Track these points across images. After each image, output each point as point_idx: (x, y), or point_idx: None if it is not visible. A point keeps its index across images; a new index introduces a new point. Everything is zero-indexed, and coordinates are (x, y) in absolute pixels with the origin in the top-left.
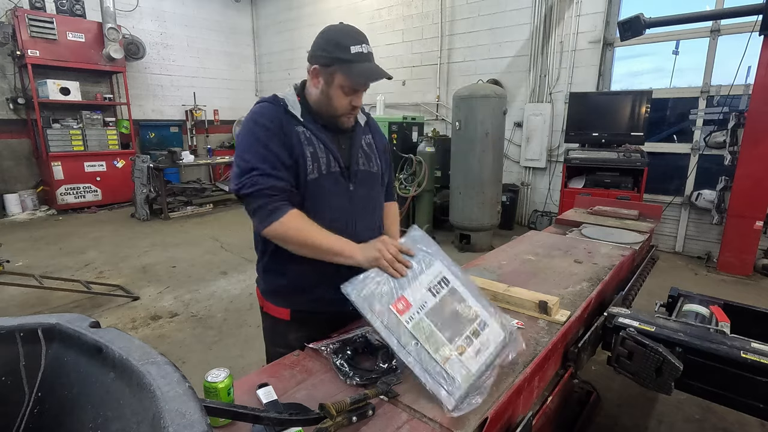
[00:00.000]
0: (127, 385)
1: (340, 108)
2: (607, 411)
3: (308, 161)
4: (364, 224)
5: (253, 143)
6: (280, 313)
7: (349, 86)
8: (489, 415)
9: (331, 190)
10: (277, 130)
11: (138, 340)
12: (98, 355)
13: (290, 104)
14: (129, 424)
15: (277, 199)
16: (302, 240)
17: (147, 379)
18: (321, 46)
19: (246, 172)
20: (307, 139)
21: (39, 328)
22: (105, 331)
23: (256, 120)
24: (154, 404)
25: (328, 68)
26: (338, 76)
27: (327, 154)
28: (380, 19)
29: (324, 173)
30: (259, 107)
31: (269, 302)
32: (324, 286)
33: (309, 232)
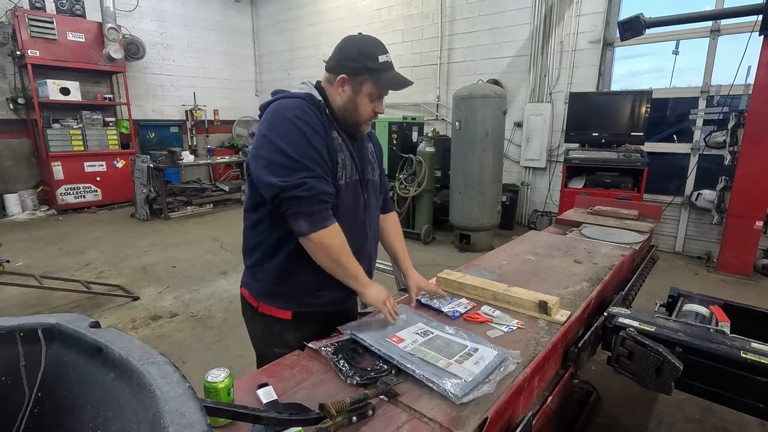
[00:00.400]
0: (127, 385)
1: (364, 115)
2: (607, 411)
3: (339, 168)
4: (371, 233)
5: (302, 141)
6: (281, 313)
7: (377, 94)
8: (489, 415)
9: (352, 199)
10: (322, 131)
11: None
12: (98, 355)
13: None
14: (129, 424)
15: (329, 207)
16: (337, 255)
17: (147, 379)
18: (350, 56)
19: (296, 171)
20: (339, 145)
21: (39, 328)
22: (105, 331)
23: (301, 117)
24: (154, 404)
25: (358, 77)
26: (367, 85)
27: (352, 162)
28: (380, 19)
29: (349, 181)
30: (298, 104)
31: (268, 304)
32: (334, 288)
33: (344, 249)
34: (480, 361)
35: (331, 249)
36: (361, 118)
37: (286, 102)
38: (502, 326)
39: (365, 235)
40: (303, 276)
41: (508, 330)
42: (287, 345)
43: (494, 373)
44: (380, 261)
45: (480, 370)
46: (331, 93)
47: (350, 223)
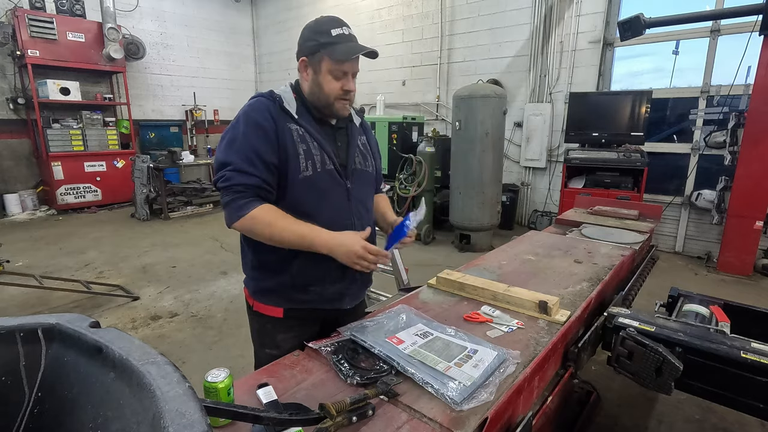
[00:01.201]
0: (127, 385)
1: (332, 93)
2: (607, 411)
3: (301, 159)
4: (361, 222)
5: (236, 137)
6: (273, 311)
7: (338, 69)
8: (489, 415)
9: (327, 188)
10: (267, 125)
11: (138, 340)
12: (98, 355)
13: (286, 101)
14: (129, 424)
15: (246, 196)
16: (267, 234)
17: (147, 379)
18: (306, 37)
19: (222, 166)
20: (300, 136)
21: (39, 328)
22: (105, 331)
23: (248, 114)
24: (154, 404)
25: (314, 56)
26: (325, 61)
27: (321, 151)
28: (380, 19)
29: (319, 170)
30: (254, 101)
31: (260, 302)
32: (326, 283)
33: (273, 226)
34: (479, 364)
35: (255, 232)
36: (329, 98)
37: (246, 104)
38: (502, 326)
39: (352, 225)
40: (291, 271)
41: (508, 330)
42: (278, 346)
43: (494, 375)
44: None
45: (479, 374)
46: (301, 83)
47: (331, 212)
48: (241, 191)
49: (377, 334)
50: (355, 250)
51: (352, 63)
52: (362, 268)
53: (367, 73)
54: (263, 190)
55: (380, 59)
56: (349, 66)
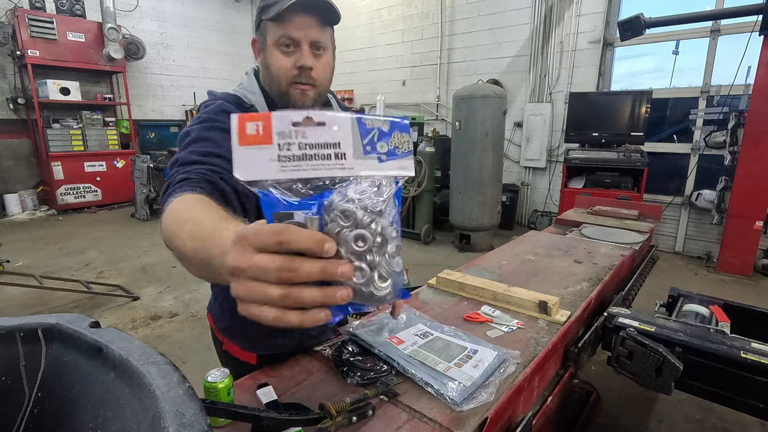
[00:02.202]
0: (127, 385)
1: (281, 73)
2: (607, 411)
3: None
4: None
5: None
6: (245, 356)
7: (283, 35)
8: (489, 415)
9: None
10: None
11: (138, 340)
12: (98, 355)
13: (248, 96)
14: (129, 424)
15: (180, 187)
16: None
17: (147, 379)
18: (254, 18)
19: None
20: None
21: (39, 328)
22: (105, 331)
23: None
24: (154, 404)
25: (259, 30)
26: (268, 31)
27: None
28: (380, 19)
29: None
30: (218, 104)
31: (229, 340)
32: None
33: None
34: (479, 364)
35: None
36: (281, 81)
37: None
38: (502, 326)
39: None
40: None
41: (508, 330)
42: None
43: (494, 375)
44: None
45: (479, 374)
46: (260, 72)
47: None
48: (180, 180)
49: (377, 334)
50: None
51: (300, 23)
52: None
53: (367, 73)
54: (220, 176)
55: (380, 59)
56: (295, 28)
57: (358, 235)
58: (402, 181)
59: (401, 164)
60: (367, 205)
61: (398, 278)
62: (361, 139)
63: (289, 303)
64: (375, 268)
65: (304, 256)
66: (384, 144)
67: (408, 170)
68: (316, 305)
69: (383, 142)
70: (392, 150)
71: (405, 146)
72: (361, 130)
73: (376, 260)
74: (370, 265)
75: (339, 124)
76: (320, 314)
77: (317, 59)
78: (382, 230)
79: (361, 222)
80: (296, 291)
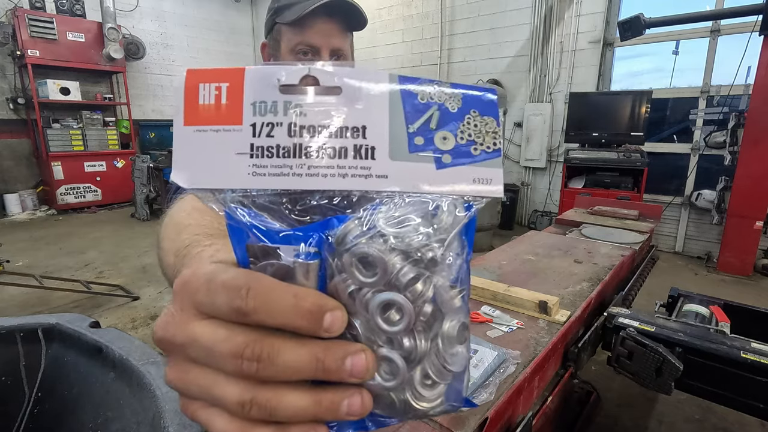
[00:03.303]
0: (127, 385)
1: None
2: (607, 411)
3: None
4: None
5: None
6: None
7: (300, 41)
8: (489, 415)
9: None
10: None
11: (138, 340)
12: (98, 355)
13: None
14: (129, 424)
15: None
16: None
17: (147, 379)
18: (265, 20)
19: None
20: None
21: (39, 328)
22: (105, 331)
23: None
24: (154, 404)
25: (271, 34)
26: (283, 35)
27: None
28: (380, 19)
29: None
30: None
31: None
32: None
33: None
34: (479, 364)
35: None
36: None
37: None
38: (502, 326)
39: None
40: None
41: (508, 330)
42: None
43: (494, 375)
44: None
45: (479, 374)
46: None
47: None
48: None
49: None
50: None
51: (321, 30)
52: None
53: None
54: None
55: (380, 59)
56: (316, 35)
57: (389, 301)
58: (479, 205)
59: (480, 173)
60: (410, 248)
61: (457, 382)
62: (406, 125)
63: (254, 415)
64: (418, 362)
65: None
66: (449, 134)
67: (495, 184)
68: (302, 420)
69: (447, 131)
70: (464, 146)
71: (489, 140)
72: (407, 108)
73: (421, 348)
74: (408, 356)
75: (367, 94)
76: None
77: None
78: (435, 295)
79: (396, 278)
80: (268, 394)
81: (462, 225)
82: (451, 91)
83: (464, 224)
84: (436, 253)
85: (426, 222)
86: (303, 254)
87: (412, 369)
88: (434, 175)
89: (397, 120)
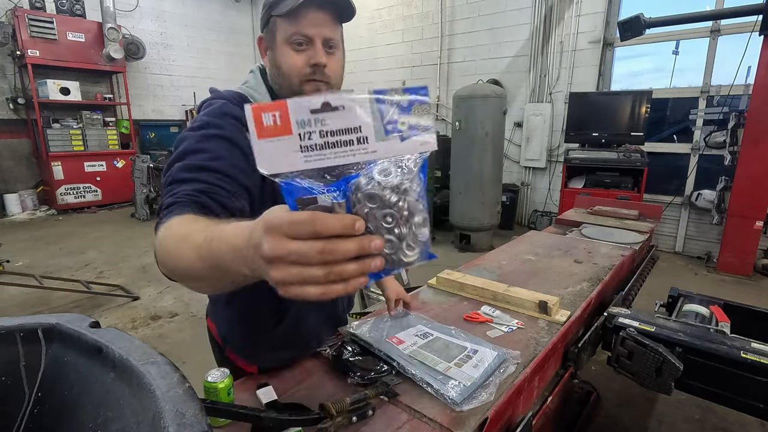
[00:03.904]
0: (127, 385)
1: (293, 71)
2: (607, 411)
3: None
4: None
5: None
6: (246, 366)
7: (295, 32)
8: (489, 415)
9: None
10: (242, 143)
11: (138, 340)
12: (98, 355)
13: (256, 99)
14: (129, 424)
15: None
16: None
17: (147, 379)
18: (261, 15)
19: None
20: None
21: (39, 328)
22: (105, 331)
23: (214, 122)
24: (154, 404)
25: (267, 26)
26: (279, 28)
27: None
28: (380, 19)
29: None
30: (221, 105)
31: (231, 350)
32: (308, 341)
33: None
34: (479, 364)
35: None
36: (293, 79)
37: (207, 108)
38: (502, 326)
39: None
40: (264, 334)
41: (508, 330)
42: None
43: (494, 375)
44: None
45: (479, 374)
46: (268, 71)
47: None
48: (168, 205)
49: (377, 335)
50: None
51: (313, 20)
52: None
53: (367, 73)
54: (210, 194)
55: (380, 59)
56: (309, 25)
57: (385, 213)
58: (427, 153)
59: (423, 139)
60: (392, 185)
61: (425, 245)
62: (382, 119)
63: (333, 279)
64: (403, 239)
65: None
66: (404, 119)
67: (431, 144)
68: (354, 276)
69: (403, 118)
70: (413, 126)
71: (425, 119)
72: (381, 109)
73: (404, 232)
74: (398, 237)
75: (358, 106)
76: (360, 280)
77: (330, 57)
78: (408, 206)
79: (388, 202)
80: (338, 268)
81: (419, 168)
82: (402, 97)
83: (420, 167)
84: (406, 185)
85: (400, 170)
86: (337, 197)
87: (401, 242)
88: (400, 145)
89: (376, 118)
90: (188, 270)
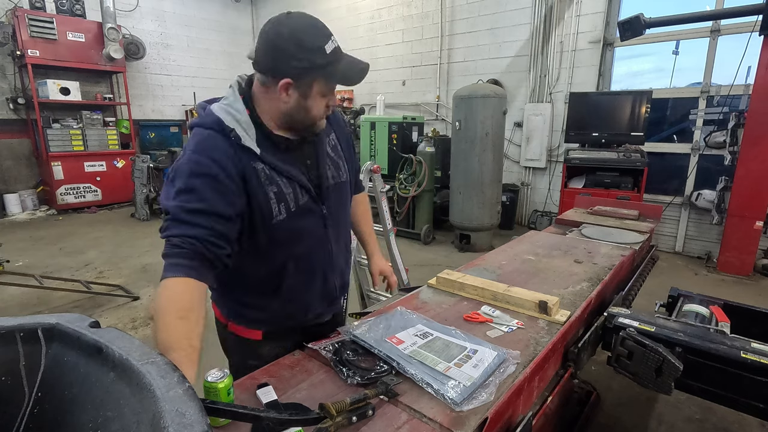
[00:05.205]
0: (127, 385)
1: (318, 115)
2: (607, 411)
3: (272, 203)
4: (338, 246)
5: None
6: (250, 333)
7: (329, 89)
8: (489, 415)
9: (303, 225)
10: (222, 175)
11: (138, 340)
12: (98, 355)
13: (242, 133)
14: (129, 424)
15: (182, 254)
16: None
17: (147, 379)
18: (289, 53)
19: (165, 212)
20: (267, 177)
21: (39, 328)
22: (105, 331)
23: (196, 161)
24: (154, 404)
25: (305, 79)
26: (318, 84)
27: (294, 187)
28: (380, 19)
29: (293, 210)
30: (204, 139)
31: (236, 323)
32: (306, 312)
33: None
34: (479, 364)
35: (154, 310)
36: (315, 119)
37: (194, 141)
38: (502, 326)
39: (329, 254)
40: (271, 307)
41: (508, 330)
42: (262, 357)
43: (494, 375)
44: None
45: (479, 374)
46: (267, 99)
47: (307, 246)
48: (177, 245)
49: (377, 334)
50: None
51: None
52: None
53: (367, 73)
54: (209, 245)
55: (380, 59)
56: (337, 86)
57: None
58: None
59: None
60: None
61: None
62: None
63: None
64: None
65: None
66: None
67: None
68: None
69: None
70: None
71: None
72: None
73: None
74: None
75: None
76: None
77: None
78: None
79: None
80: None
81: None
82: None
83: None
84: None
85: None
86: None
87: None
88: None
89: None
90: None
